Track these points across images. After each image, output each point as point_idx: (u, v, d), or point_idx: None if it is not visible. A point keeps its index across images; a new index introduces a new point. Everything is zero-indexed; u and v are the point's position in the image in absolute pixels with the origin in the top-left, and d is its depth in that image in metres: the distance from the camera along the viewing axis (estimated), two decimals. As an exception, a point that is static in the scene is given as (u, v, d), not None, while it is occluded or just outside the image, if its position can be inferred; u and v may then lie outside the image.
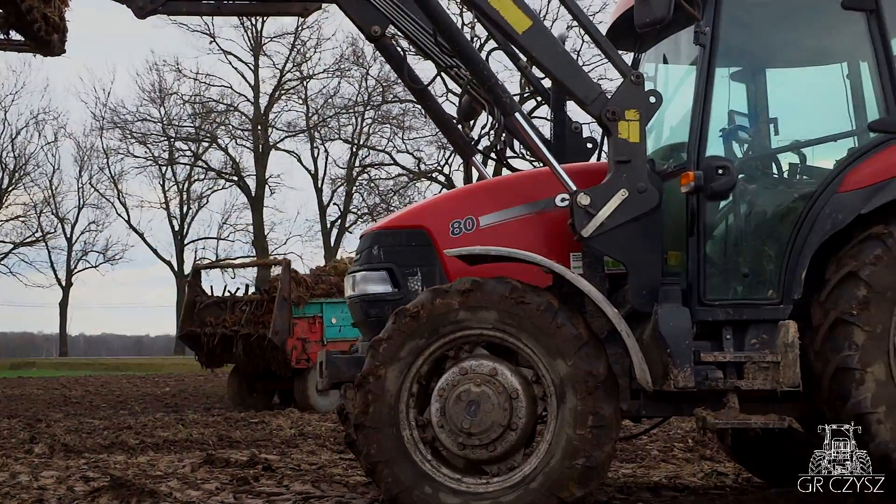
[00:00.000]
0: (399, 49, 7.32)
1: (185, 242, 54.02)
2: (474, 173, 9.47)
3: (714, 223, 5.87)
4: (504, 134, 6.82)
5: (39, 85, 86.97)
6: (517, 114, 5.92)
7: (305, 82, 49.35)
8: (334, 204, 50.42)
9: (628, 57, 6.60)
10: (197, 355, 17.44)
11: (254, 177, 49.70)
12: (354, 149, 49.02)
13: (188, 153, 51.89)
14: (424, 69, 7.70)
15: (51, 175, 53.82)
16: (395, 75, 9.22)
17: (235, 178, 50.82)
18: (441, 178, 46.31)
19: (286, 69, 48.96)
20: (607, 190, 5.55)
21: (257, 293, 17.15)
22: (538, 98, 7.70)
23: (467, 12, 26.34)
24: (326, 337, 16.40)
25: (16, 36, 7.39)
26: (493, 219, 6.02)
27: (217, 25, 48.44)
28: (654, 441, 9.88)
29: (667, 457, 8.83)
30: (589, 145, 6.99)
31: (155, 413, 15.62)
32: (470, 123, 7.58)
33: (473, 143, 7.44)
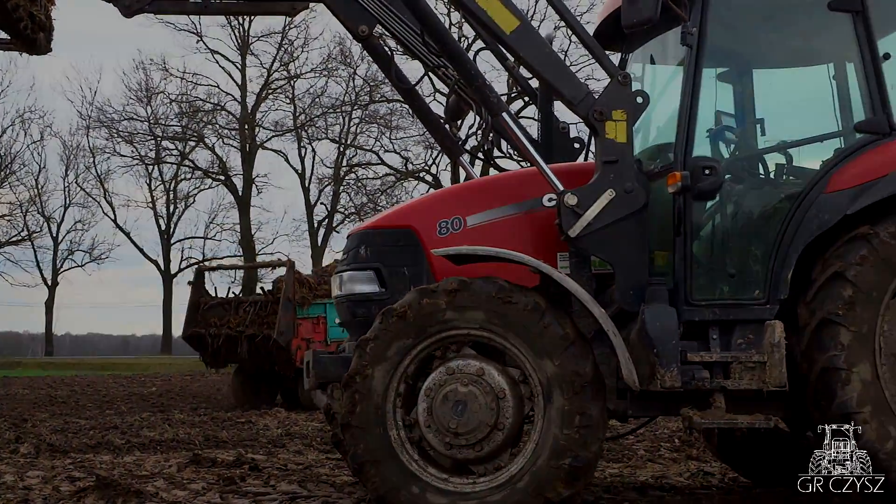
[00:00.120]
0: (386, 49, 7.33)
1: (172, 242, 54.10)
2: (461, 173, 9.47)
3: (701, 223, 5.88)
4: (491, 134, 6.82)
5: (25, 83, 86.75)
6: (504, 114, 5.90)
7: (293, 82, 49.40)
8: (321, 203, 50.52)
9: (615, 57, 6.60)
10: (201, 356, 17.58)
11: (241, 176, 49.70)
12: (342, 148, 49.06)
13: (175, 152, 51.87)
14: (412, 69, 7.69)
15: (37, 174, 53.77)
16: (383, 75, 9.21)
17: (222, 178, 50.80)
18: (428, 178, 46.34)
19: (273, 68, 49.03)
20: (594, 190, 5.55)
21: (262, 294, 17.36)
22: (525, 98, 7.71)
23: (455, 12, 26.35)
24: (330, 337, 16.44)
25: (1, 34, 7.36)
26: (481, 218, 6.01)
27: (204, 24, 48.52)
28: (641, 441, 9.90)
29: (653, 456, 8.84)
30: (576, 145, 7.00)
31: (141, 413, 15.56)
32: (457, 123, 7.58)
33: (461, 143, 7.45)
